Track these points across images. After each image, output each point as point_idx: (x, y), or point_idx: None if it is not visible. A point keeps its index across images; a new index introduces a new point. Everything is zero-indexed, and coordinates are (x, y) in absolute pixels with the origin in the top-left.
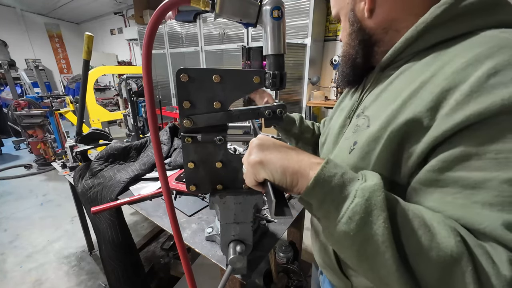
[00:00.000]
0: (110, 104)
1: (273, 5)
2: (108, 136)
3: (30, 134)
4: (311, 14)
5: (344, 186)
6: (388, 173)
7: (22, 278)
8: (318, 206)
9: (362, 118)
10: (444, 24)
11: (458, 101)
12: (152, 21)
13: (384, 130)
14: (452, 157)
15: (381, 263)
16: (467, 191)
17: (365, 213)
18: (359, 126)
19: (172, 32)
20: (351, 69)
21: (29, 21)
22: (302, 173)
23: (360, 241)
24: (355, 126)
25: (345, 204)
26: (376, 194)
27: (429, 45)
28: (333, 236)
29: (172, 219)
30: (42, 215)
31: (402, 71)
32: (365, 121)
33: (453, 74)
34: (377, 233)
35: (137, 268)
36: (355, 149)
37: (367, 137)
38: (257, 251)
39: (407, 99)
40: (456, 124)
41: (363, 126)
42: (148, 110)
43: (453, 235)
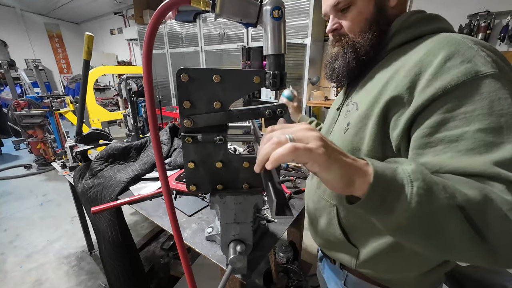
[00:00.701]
0: (110, 104)
1: (273, 5)
2: (108, 136)
3: (30, 134)
4: (311, 14)
5: (394, 176)
6: (378, 144)
7: (22, 278)
8: (380, 201)
9: (351, 105)
10: (406, 29)
11: (428, 80)
12: (152, 21)
13: (371, 109)
14: (435, 122)
15: (453, 229)
16: (452, 145)
17: (429, 192)
18: (349, 111)
19: (172, 32)
20: (357, 61)
21: (29, 21)
22: (361, 172)
23: (430, 219)
24: (345, 112)
25: (405, 192)
26: (425, 172)
27: (399, 44)
28: (399, 226)
29: (172, 219)
30: (42, 215)
31: (381, 64)
32: (354, 106)
33: (420, 61)
34: (443, 204)
35: (137, 268)
36: (349, 128)
37: (358, 116)
38: (257, 251)
39: (385, 83)
40: (430, 95)
41: (353, 110)
42: (148, 110)
43: (478, 186)
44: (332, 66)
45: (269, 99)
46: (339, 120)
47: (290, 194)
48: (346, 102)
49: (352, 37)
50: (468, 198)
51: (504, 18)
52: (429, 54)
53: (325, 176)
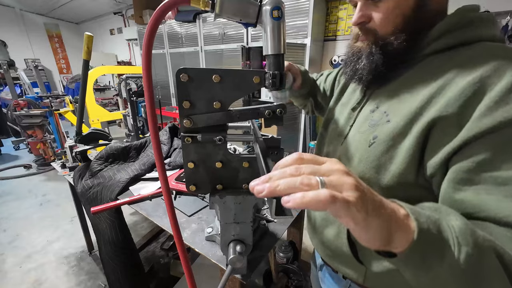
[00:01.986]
0: (110, 104)
1: (273, 5)
2: (108, 136)
3: (29, 134)
4: (311, 14)
5: (439, 234)
6: (412, 168)
7: (22, 279)
8: (420, 261)
9: (378, 113)
10: (458, 30)
11: (488, 107)
12: (152, 21)
13: (409, 126)
14: (484, 159)
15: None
16: (500, 188)
17: (479, 260)
18: (376, 121)
19: (171, 32)
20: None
21: (28, 21)
22: (401, 226)
23: (471, 282)
24: (370, 120)
25: (450, 254)
26: (475, 235)
27: (443, 48)
28: (434, 283)
29: (172, 219)
30: (41, 215)
31: (417, 70)
32: (383, 116)
33: (480, 80)
34: (491, 270)
35: (136, 268)
36: (376, 142)
37: (390, 131)
38: (257, 251)
39: (429, 98)
40: (487, 127)
41: (382, 121)
42: (148, 110)
43: None
44: (354, 67)
45: (269, 99)
46: (357, 125)
47: None
48: (369, 106)
49: (383, 34)
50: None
51: (504, 18)
52: (493, 73)
53: (361, 234)
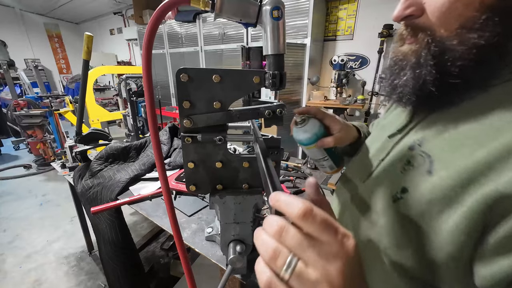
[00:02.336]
0: (110, 104)
1: (273, 5)
2: (108, 136)
3: (29, 134)
4: (311, 14)
5: None
6: (452, 259)
7: (22, 279)
8: None
9: (419, 155)
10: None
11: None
12: (152, 21)
13: (460, 192)
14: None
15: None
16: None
17: None
18: (413, 166)
19: (171, 32)
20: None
21: (28, 21)
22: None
23: None
24: (405, 162)
25: None
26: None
27: None
28: None
29: (172, 219)
30: (41, 215)
31: (493, 100)
32: (424, 161)
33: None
34: None
35: (136, 268)
36: (403, 200)
37: (430, 191)
38: (257, 251)
39: (495, 161)
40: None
41: (421, 169)
42: (148, 110)
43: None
44: (393, 81)
45: (268, 99)
46: (388, 161)
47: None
48: (409, 138)
49: (442, 36)
50: None
51: None
52: None
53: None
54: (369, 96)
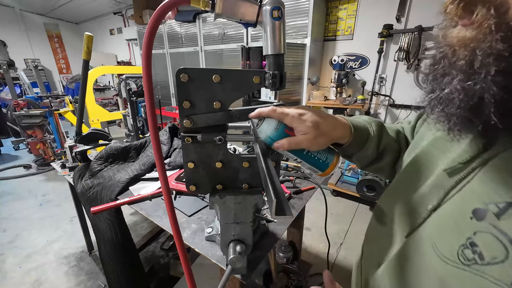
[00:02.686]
0: (110, 104)
1: (273, 5)
2: (108, 136)
3: (29, 134)
4: (311, 14)
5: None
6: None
7: (22, 279)
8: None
9: (489, 224)
10: None
11: None
12: (152, 21)
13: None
14: None
15: None
16: None
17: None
18: (484, 257)
19: (171, 32)
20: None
21: (28, 21)
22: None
23: None
24: (466, 232)
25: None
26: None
27: None
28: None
29: (172, 219)
30: (41, 215)
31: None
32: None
33: None
34: None
35: (136, 268)
36: None
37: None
38: (257, 251)
39: None
40: None
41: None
42: (147, 110)
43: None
44: (433, 90)
45: (268, 99)
46: (442, 217)
47: (290, 194)
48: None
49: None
50: None
51: None
52: None
53: None
54: (369, 96)
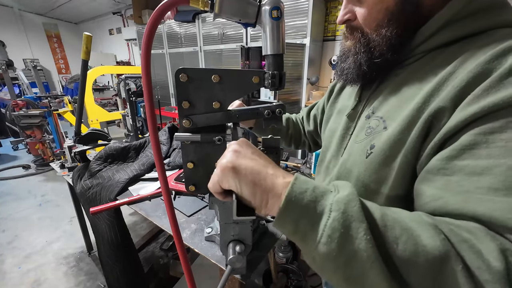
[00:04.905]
0: (109, 104)
1: (272, 5)
2: (107, 136)
3: (28, 135)
4: (310, 14)
5: (317, 202)
6: (408, 179)
7: (21, 279)
8: (293, 229)
9: (374, 119)
10: (461, 20)
11: (475, 95)
12: (151, 21)
13: (407, 132)
14: (461, 145)
15: (372, 282)
16: (472, 178)
17: (344, 227)
18: (373, 128)
19: (171, 32)
20: (370, 65)
21: (27, 21)
22: (274, 193)
23: (344, 262)
24: (366, 128)
25: (321, 222)
26: (351, 205)
27: (444, 42)
28: (315, 261)
29: (172, 219)
30: (40, 215)
31: (415, 69)
32: (379, 123)
33: (477, 66)
34: (360, 248)
35: (136, 269)
36: (373, 153)
37: (388, 139)
38: (257, 251)
39: (428, 97)
40: (470, 115)
41: (378, 128)
42: (147, 110)
43: (436, 234)
44: (341, 65)
45: (268, 99)
46: (356, 136)
47: None
48: (365, 112)
49: (367, 32)
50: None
51: None
52: (494, 57)
53: (240, 194)
54: None
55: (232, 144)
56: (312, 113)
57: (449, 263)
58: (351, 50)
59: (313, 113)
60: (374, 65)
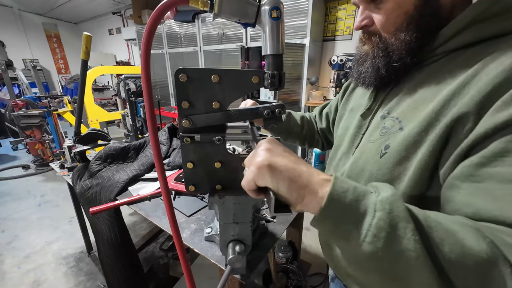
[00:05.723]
0: (109, 104)
1: (271, 5)
2: (107, 136)
3: (28, 135)
4: (310, 14)
5: (359, 201)
6: (425, 180)
7: (20, 279)
8: (334, 227)
9: (390, 120)
10: (485, 21)
11: (504, 101)
12: (150, 21)
13: (424, 134)
14: (491, 152)
15: (418, 282)
16: (505, 185)
17: (391, 227)
18: (388, 129)
19: (170, 32)
20: (388, 69)
21: (26, 21)
22: (311, 190)
23: (390, 261)
24: (381, 128)
25: (365, 220)
26: (397, 205)
27: (465, 44)
28: (355, 259)
29: (171, 219)
30: (40, 215)
31: (433, 70)
32: (395, 123)
33: (504, 71)
34: (408, 248)
35: (136, 269)
36: (388, 153)
37: (404, 140)
38: (256, 251)
39: (448, 100)
40: (500, 122)
41: (394, 129)
42: (146, 110)
43: (481, 238)
44: (358, 69)
45: (268, 99)
46: (369, 135)
47: None
48: (380, 112)
49: (385, 37)
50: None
51: None
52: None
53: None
54: None
55: (263, 142)
56: (325, 111)
57: (497, 266)
58: (368, 54)
59: (326, 111)
60: (392, 69)
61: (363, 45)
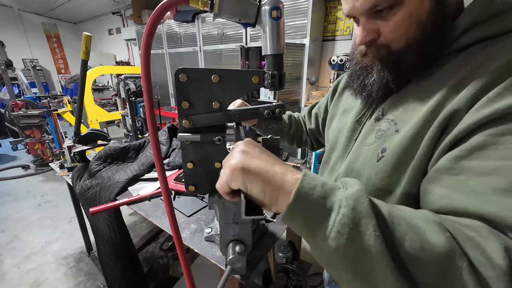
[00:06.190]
0: (109, 105)
1: (272, 5)
2: (107, 136)
3: (27, 135)
4: (310, 14)
5: (326, 197)
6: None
7: (20, 280)
8: (302, 224)
9: (385, 122)
10: (481, 24)
11: (489, 98)
12: (150, 21)
13: (421, 135)
14: (470, 146)
15: (379, 277)
16: (480, 178)
17: (353, 223)
18: (384, 131)
19: (170, 32)
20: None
21: (26, 21)
22: (284, 191)
23: (353, 257)
24: (377, 131)
25: (331, 217)
26: (360, 201)
27: (463, 46)
28: (323, 256)
29: (171, 219)
30: (40, 216)
31: (428, 71)
32: (391, 125)
33: (494, 70)
34: (369, 244)
35: (136, 269)
36: (385, 157)
37: (400, 143)
38: (256, 251)
39: (443, 100)
40: (482, 117)
41: (390, 131)
42: (146, 110)
43: (441, 232)
44: (362, 81)
45: (267, 99)
46: (364, 138)
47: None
48: (374, 115)
49: (396, 49)
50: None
51: None
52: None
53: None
54: None
55: (239, 144)
56: (314, 112)
57: (455, 260)
58: (373, 67)
59: (315, 111)
60: (402, 80)
61: (363, 57)
